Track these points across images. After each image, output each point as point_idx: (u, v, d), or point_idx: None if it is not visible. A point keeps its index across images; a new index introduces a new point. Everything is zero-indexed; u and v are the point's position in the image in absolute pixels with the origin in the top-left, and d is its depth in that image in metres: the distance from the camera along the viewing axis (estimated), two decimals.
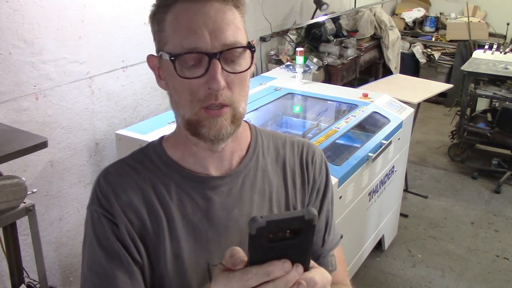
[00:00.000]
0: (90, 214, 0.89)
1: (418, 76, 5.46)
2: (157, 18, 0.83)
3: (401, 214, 3.34)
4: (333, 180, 2.03)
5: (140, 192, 0.89)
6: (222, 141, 0.85)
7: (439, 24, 6.25)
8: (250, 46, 0.83)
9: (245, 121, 0.98)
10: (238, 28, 0.82)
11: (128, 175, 0.91)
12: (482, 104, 4.71)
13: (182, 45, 0.79)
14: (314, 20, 4.05)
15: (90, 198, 0.91)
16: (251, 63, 0.85)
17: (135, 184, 0.89)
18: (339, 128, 2.41)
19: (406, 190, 3.73)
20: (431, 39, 6.10)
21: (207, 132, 0.83)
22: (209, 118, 0.83)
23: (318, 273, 0.64)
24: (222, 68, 0.80)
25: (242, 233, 0.91)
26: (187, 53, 0.79)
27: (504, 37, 5.76)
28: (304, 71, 3.13)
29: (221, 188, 0.91)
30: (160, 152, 0.93)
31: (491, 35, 5.81)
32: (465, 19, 5.84)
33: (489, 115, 4.41)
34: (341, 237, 1.10)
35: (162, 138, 0.97)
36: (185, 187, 0.90)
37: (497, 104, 4.51)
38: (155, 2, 0.85)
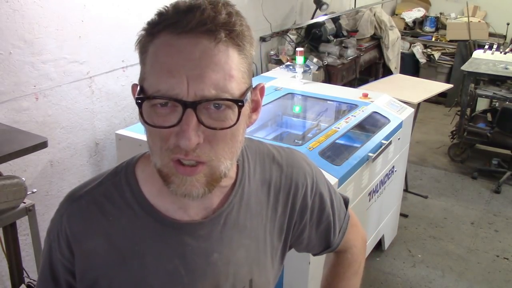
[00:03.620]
0: (49, 248, 0.85)
1: (418, 76, 5.46)
2: (141, 46, 0.73)
3: (401, 214, 3.34)
4: (333, 180, 2.03)
5: (107, 238, 0.81)
6: (193, 199, 0.73)
7: (439, 24, 6.25)
8: (237, 100, 0.68)
9: None
10: (229, 74, 0.68)
11: (93, 220, 0.81)
12: (482, 104, 4.71)
13: (157, 86, 0.68)
14: (314, 20, 4.05)
15: (50, 230, 0.86)
16: (238, 119, 0.70)
17: (101, 229, 0.81)
18: (339, 128, 2.41)
19: (406, 190, 3.73)
20: (431, 39, 6.10)
21: (175, 189, 0.72)
22: (178, 175, 0.71)
23: None
24: (199, 121, 0.67)
25: (220, 275, 0.85)
26: (159, 98, 0.67)
27: (504, 37, 5.76)
28: (304, 71, 3.14)
29: (200, 232, 0.82)
30: (133, 186, 0.82)
31: (491, 35, 5.81)
32: (465, 19, 5.84)
33: (489, 115, 4.41)
34: (347, 202, 1.11)
35: (136, 162, 0.85)
36: (160, 232, 0.81)
37: (497, 104, 4.51)
38: (144, 26, 0.74)
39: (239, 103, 0.69)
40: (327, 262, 1.15)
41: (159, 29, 0.69)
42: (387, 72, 4.75)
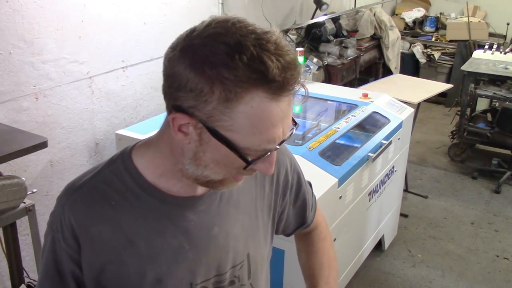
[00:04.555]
0: (52, 240, 0.85)
1: (418, 76, 5.46)
2: (227, 89, 0.68)
3: (401, 214, 3.34)
4: (333, 180, 2.03)
5: (112, 223, 0.83)
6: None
7: (439, 24, 6.25)
8: (295, 123, 0.80)
9: None
10: None
11: (96, 206, 0.83)
12: (482, 104, 4.71)
13: (259, 144, 0.73)
14: (314, 20, 4.05)
15: (51, 222, 0.86)
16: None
17: (105, 214, 0.83)
18: (339, 128, 2.41)
19: (406, 190, 3.73)
20: (431, 39, 6.10)
21: (220, 189, 0.84)
22: (233, 182, 0.82)
23: None
24: None
25: (222, 249, 0.91)
26: (263, 155, 0.75)
27: (504, 37, 5.76)
28: (304, 71, 3.13)
29: (200, 207, 0.88)
30: (132, 171, 0.85)
31: (491, 35, 5.81)
32: (465, 19, 5.84)
33: (489, 115, 4.41)
34: (311, 184, 1.17)
35: (131, 151, 0.88)
36: (163, 210, 0.85)
37: (497, 104, 4.51)
38: (237, 63, 0.68)
39: (296, 125, 0.81)
40: (300, 248, 1.20)
41: (261, 83, 0.69)
42: (387, 72, 4.75)
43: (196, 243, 0.88)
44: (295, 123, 0.79)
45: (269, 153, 0.76)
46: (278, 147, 0.75)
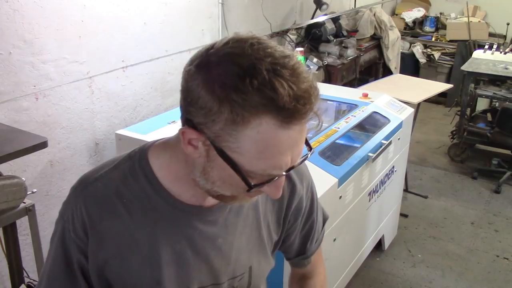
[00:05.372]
0: (62, 229, 0.87)
1: (418, 76, 5.46)
2: (235, 112, 0.68)
3: (401, 214, 3.34)
4: (333, 180, 2.03)
5: (121, 219, 0.85)
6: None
7: (439, 24, 6.25)
8: (310, 149, 0.79)
9: None
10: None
11: (109, 202, 0.85)
12: (482, 104, 4.71)
13: (264, 169, 0.72)
14: (314, 20, 4.05)
15: (63, 211, 0.88)
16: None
17: (116, 211, 0.85)
18: (339, 128, 2.41)
19: (406, 190, 3.73)
20: (431, 39, 6.10)
21: (232, 203, 0.84)
22: (247, 198, 0.82)
23: None
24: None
25: (223, 259, 0.92)
26: (268, 180, 0.74)
27: (504, 37, 5.76)
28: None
29: (208, 218, 0.89)
30: (147, 171, 0.86)
31: (491, 35, 5.81)
32: (465, 19, 5.84)
33: (489, 115, 4.41)
34: (326, 219, 1.14)
35: (148, 150, 0.88)
36: (171, 215, 0.86)
37: (497, 104, 4.51)
38: (247, 87, 0.67)
39: (311, 151, 0.80)
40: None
41: (270, 110, 0.67)
42: (387, 72, 4.75)
43: (199, 251, 0.89)
44: (310, 148, 0.79)
45: (276, 178, 0.75)
46: (284, 173, 0.74)
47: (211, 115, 0.69)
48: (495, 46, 4.59)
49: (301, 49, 3.08)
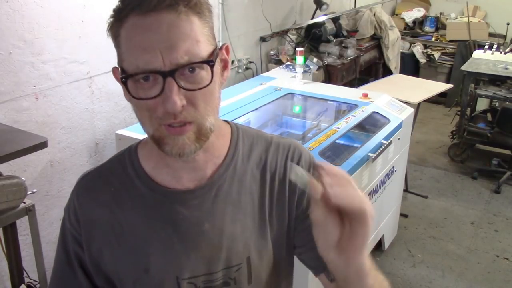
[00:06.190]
0: (63, 221, 0.93)
1: (418, 76, 5.46)
2: (113, 32, 0.79)
3: (401, 214, 3.34)
4: None
5: (108, 209, 0.88)
6: (186, 157, 0.81)
7: (439, 24, 6.25)
8: (207, 61, 0.76)
9: (229, 122, 0.96)
10: (196, 40, 0.75)
11: (98, 191, 0.90)
12: (482, 104, 4.71)
13: (136, 64, 0.75)
14: (314, 20, 4.05)
15: (66, 204, 0.94)
16: (212, 77, 0.77)
17: (105, 201, 0.89)
18: (339, 128, 2.41)
19: (406, 190, 3.73)
20: (431, 39, 6.10)
21: (169, 150, 0.79)
22: (170, 136, 0.78)
23: None
24: (179, 86, 0.74)
25: (213, 246, 0.88)
26: (140, 73, 0.75)
27: (504, 37, 5.76)
28: (304, 71, 3.13)
29: (191, 202, 0.88)
30: (134, 161, 0.91)
31: (491, 35, 5.81)
32: (465, 19, 5.84)
33: (489, 115, 4.41)
34: None
35: (140, 142, 0.94)
36: (154, 201, 0.88)
37: (497, 104, 4.51)
38: (111, 13, 0.81)
39: (210, 63, 0.77)
40: None
41: (126, 13, 0.77)
42: (387, 72, 4.75)
43: (185, 237, 0.88)
44: (209, 62, 0.76)
45: (149, 77, 0.75)
46: (160, 73, 0.74)
47: (115, 46, 0.79)
48: (495, 46, 4.59)
49: (301, 49, 3.07)
